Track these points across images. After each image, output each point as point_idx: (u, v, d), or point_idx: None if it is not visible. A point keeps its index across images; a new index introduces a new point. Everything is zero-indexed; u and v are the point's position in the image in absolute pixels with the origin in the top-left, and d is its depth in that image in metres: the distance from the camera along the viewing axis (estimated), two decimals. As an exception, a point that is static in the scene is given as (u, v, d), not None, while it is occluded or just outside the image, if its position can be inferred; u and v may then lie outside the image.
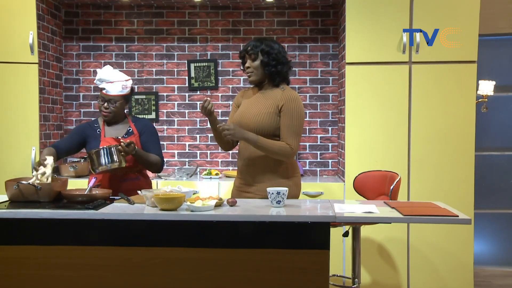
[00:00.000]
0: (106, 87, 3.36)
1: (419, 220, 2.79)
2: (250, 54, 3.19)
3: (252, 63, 3.19)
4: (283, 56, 3.20)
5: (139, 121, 3.53)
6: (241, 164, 3.26)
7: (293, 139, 3.11)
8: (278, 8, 4.94)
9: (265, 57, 3.16)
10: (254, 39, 3.27)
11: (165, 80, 5.01)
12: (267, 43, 3.19)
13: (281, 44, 3.28)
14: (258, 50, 3.16)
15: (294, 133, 3.12)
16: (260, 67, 3.18)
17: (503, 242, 5.30)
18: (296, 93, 3.20)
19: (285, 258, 2.69)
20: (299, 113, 3.14)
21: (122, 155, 3.19)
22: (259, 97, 3.23)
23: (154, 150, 3.42)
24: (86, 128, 3.47)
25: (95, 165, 3.18)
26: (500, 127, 5.27)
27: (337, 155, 4.92)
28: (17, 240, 2.78)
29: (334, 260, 3.79)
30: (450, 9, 4.20)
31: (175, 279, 2.72)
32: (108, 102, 3.37)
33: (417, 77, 4.23)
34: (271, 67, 3.17)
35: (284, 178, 3.17)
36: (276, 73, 3.18)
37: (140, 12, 4.98)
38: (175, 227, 2.73)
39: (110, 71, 3.40)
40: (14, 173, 3.99)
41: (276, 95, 3.17)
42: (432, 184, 4.22)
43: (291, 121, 3.12)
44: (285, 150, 3.08)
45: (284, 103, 3.13)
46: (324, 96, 4.96)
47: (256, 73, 3.19)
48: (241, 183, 3.27)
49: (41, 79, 4.45)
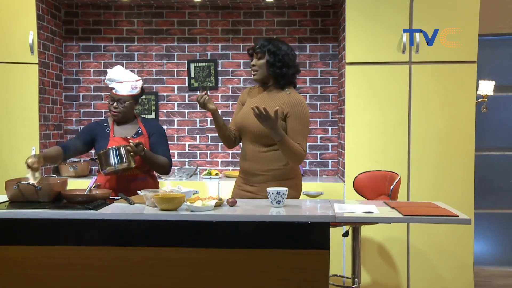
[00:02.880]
0: (115, 87, 3.35)
1: (419, 220, 2.79)
2: (257, 53, 3.17)
3: (257, 61, 3.18)
4: (290, 59, 3.17)
5: (149, 122, 3.52)
6: (244, 163, 3.26)
7: (304, 143, 3.10)
8: (278, 8, 4.94)
9: (271, 57, 3.14)
10: (264, 38, 3.25)
11: (165, 80, 5.01)
12: (275, 43, 3.17)
13: (291, 47, 3.24)
14: (265, 50, 3.15)
15: (303, 137, 3.11)
16: (265, 67, 3.17)
17: (503, 242, 5.30)
18: (301, 97, 3.19)
19: (285, 258, 2.69)
20: (306, 117, 3.14)
21: (131, 156, 3.19)
22: (264, 98, 3.21)
23: (163, 152, 3.41)
24: (95, 127, 3.47)
25: (103, 166, 3.18)
26: (500, 127, 5.27)
27: (337, 155, 4.93)
28: (17, 240, 2.78)
29: (334, 260, 3.79)
30: (450, 9, 4.20)
31: (175, 279, 2.72)
32: (117, 101, 3.37)
33: (417, 77, 4.23)
34: (276, 68, 3.15)
35: (286, 179, 3.17)
36: (281, 75, 3.16)
37: (140, 12, 4.98)
38: (175, 227, 2.73)
39: (120, 71, 3.40)
40: (14, 173, 3.98)
41: (281, 98, 3.15)
42: (432, 184, 4.22)
43: (300, 125, 3.10)
44: (301, 153, 3.06)
45: (290, 109, 3.11)
46: (324, 96, 4.96)
47: (261, 72, 3.18)
48: (243, 183, 3.27)
49: (41, 79, 4.45)
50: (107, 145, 3.35)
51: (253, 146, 3.18)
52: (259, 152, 3.16)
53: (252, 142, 3.19)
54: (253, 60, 3.21)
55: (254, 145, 3.18)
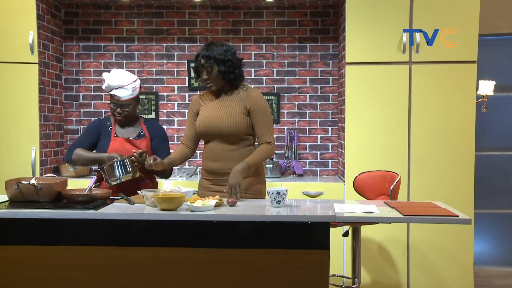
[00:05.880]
0: (117, 93, 3.31)
1: (419, 220, 2.79)
2: (206, 67, 3.17)
3: (209, 74, 3.18)
4: (236, 58, 3.22)
5: (151, 124, 3.51)
6: (212, 164, 3.25)
7: (270, 135, 3.22)
8: (278, 8, 4.94)
9: (221, 67, 3.16)
10: (202, 48, 3.21)
11: (165, 80, 5.01)
12: (217, 50, 3.16)
13: (227, 44, 3.26)
14: (212, 62, 3.15)
15: (270, 128, 3.23)
16: (218, 77, 3.19)
17: (503, 242, 5.30)
18: (258, 91, 3.28)
19: (285, 258, 2.69)
20: (267, 109, 3.25)
21: (136, 166, 3.20)
22: (222, 100, 3.25)
23: (165, 156, 3.40)
24: (99, 125, 3.46)
25: (110, 178, 3.19)
26: (500, 127, 5.26)
27: (337, 155, 4.92)
28: (17, 240, 2.78)
29: (334, 260, 3.78)
30: (450, 9, 4.20)
31: (175, 279, 2.72)
32: (120, 107, 3.36)
33: (417, 77, 4.23)
34: (229, 74, 3.18)
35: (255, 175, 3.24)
36: (235, 78, 3.21)
37: (140, 12, 4.98)
38: (175, 227, 2.73)
39: (117, 75, 3.34)
40: (14, 173, 3.99)
41: (241, 96, 3.22)
42: (432, 184, 4.22)
43: (264, 118, 3.21)
44: (269, 151, 3.21)
45: (253, 104, 3.19)
46: (324, 96, 4.96)
47: (216, 82, 3.20)
48: (211, 184, 3.29)
49: (41, 79, 4.45)
50: (109, 144, 3.35)
51: (222, 146, 3.22)
52: (228, 151, 3.20)
53: (221, 142, 3.23)
54: (202, 75, 3.20)
55: (224, 145, 3.22)
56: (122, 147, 3.34)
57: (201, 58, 3.17)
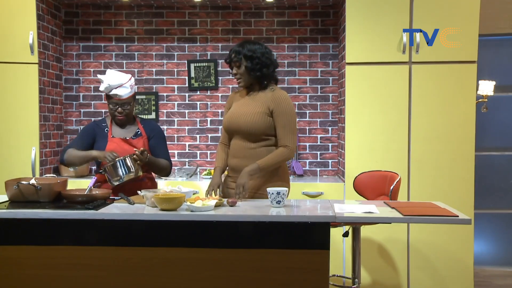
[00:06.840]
0: (117, 92, 3.32)
1: (419, 220, 2.79)
2: (235, 62, 3.22)
3: (238, 70, 3.23)
4: (267, 58, 3.22)
5: (147, 123, 3.51)
6: (232, 161, 3.28)
7: (290, 138, 3.17)
8: (278, 8, 4.94)
9: (248, 63, 3.19)
10: (236, 44, 3.28)
11: (165, 80, 5.01)
12: (249, 47, 3.21)
13: (264, 45, 3.28)
14: (241, 57, 3.19)
15: (290, 131, 3.18)
16: (246, 73, 3.21)
17: (503, 242, 5.30)
18: (285, 93, 3.25)
19: (285, 258, 2.69)
20: (291, 112, 3.21)
21: (138, 164, 3.20)
22: (249, 99, 3.27)
23: (163, 155, 3.41)
24: (95, 127, 3.45)
25: (112, 178, 3.19)
26: (500, 127, 5.26)
27: (337, 155, 4.92)
28: (17, 240, 2.78)
29: (334, 260, 3.79)
30: (450, 9, 4.20)
31: (175, 279, 2.72)
32: (121, 106, 3.36)
33: (417, 77, 4.23)
34: (256, 71, 3.20)
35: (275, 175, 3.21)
36: (262, 76, 3.22)
37: (140, 12, 4.98)
38: (175, 227, 2.74)
39: (114, 75, 3.35)
40: (14, 173, 3.99)
41: (266, 96, 3.22)
42: (432, 184, 4.22)
43: (286, 121, 3.18)
44: (286, 154, 3.16)
45: (276, 105, 3.18)
46: (324, 96, 4.96)
47: (244, 78, 3.23)
48: (231, 181, 3.29)
49: (41, 79, 4.45)
50: (106, 146, 3.35)
51: (241, 143, 3.22)
52: (248, 148, 3.20)
53: (241, 139, 3.24)
54: (233, 69, 3.26)
55: (243, 142, 3.22)
56: (120, 147, 3.33)
57: (232, 52, 3.23)
